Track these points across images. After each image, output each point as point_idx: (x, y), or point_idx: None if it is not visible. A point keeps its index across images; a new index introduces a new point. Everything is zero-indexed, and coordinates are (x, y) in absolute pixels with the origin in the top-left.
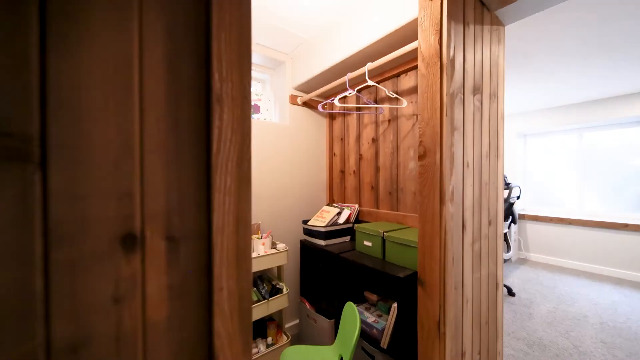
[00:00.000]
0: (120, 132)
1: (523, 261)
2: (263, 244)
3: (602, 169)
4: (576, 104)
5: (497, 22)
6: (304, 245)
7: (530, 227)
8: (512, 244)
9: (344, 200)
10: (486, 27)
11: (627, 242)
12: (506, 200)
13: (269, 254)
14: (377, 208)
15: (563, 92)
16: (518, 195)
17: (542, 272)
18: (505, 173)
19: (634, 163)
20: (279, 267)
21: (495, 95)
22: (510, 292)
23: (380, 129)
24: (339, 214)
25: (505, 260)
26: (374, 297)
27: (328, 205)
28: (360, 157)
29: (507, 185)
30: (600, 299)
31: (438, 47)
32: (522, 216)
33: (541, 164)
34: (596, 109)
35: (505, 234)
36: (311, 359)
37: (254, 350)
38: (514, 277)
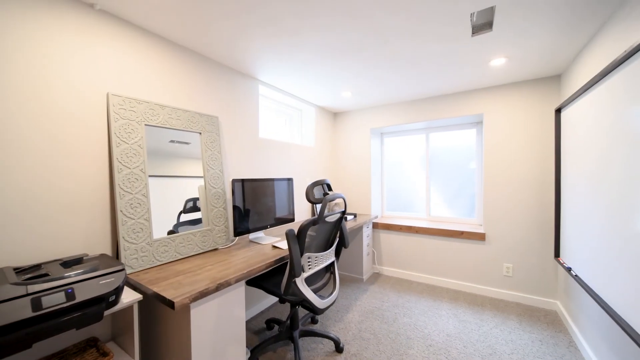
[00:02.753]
0: None
1: (376, 277)
2: None
3: (446, 174)
4: (420, 100)
5: None
6: None
7: (385, 238)
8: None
9: None
10: None
11: (463, 250)
12: (318, 221)
13: None
14: None
15: (400, 86)
16: (344, 209)
17: (388, 295)
18: (325, 178)
19: (468, 168)
20: None
21: None
22: (338, 348)
23: None
24: None
25: (321, 310)
26: None
27: None
28: None
29: (323, 197)
30: (435, 332)
31: None
32: (375, 225)
33: (397, 167)
34: (438, 105)
35: (331, 266)
36: None
37: None
38: (354, 311)
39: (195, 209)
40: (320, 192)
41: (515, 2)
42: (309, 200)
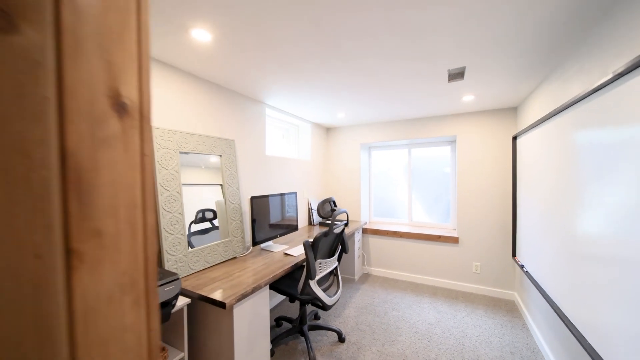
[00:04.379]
0: None
1: (366, 277)
2: None
3: (426, 184)
4: (404, 120)
5: None
6: None
7: (373, 242)
8: (355, 274)
9: None
10: None
11: (440, 252)
12: (328, 233)
13: None
14: None
15: (388, 109)
16: (346, 221)
17: (378, 292)
18: (332, 196)
19: (444, 180)
20: None
21: None
22: (340, 338)
23: None
24: None
25: (329, 306)
26: None
27: None
28: None
29: (332, 213)
30: (419, 322)
31: None
32: (365, 230)
33: (383, 177)
34: (419, 126)
35: (335, 270)
36: None
37: None
38: (351, 307)
39: (204, 219)
40: (327, 207)
41: (478, 65)
42: (320, 215)
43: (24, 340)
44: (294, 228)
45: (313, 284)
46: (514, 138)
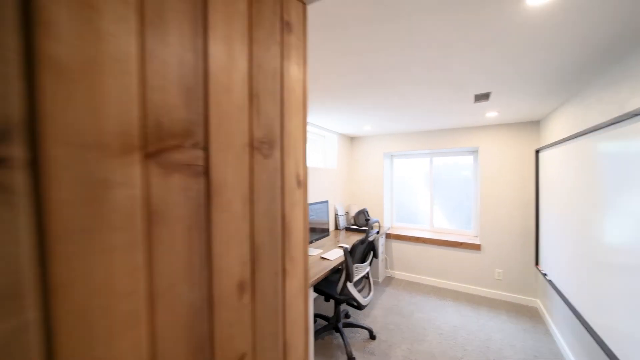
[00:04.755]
0: None
1: (389, 280)
2: None
3: (447, 191)
4: (426, 132)
5: None
6: None
7: (396, 246)
8: (379, 277)
9: None
10: None
11: (462, 258)
12: (364, 240)
13: None
14: None
15: (410, 122)
16: (378, 230)
17: (402, 295)
18: (365, 207)
19: (465, 188)
20: None
21: None
22: (371, 335)
23: None
24: None
25: (364, 306)
26: None
27: None
28: None
29: (367, 222)
30: (444, 324)
31: None
32: (388, 235)
33: (404, 183)
34: (441, 137)
35: (367, 274)
36: None
37: None
38: (378, 308)
39: None
40: (362, 218)
41: (503, 90)
42: (356, 224)
43: (276, 331)
44: (327, 233)
45: (350, 285)
46: (537, 151)
